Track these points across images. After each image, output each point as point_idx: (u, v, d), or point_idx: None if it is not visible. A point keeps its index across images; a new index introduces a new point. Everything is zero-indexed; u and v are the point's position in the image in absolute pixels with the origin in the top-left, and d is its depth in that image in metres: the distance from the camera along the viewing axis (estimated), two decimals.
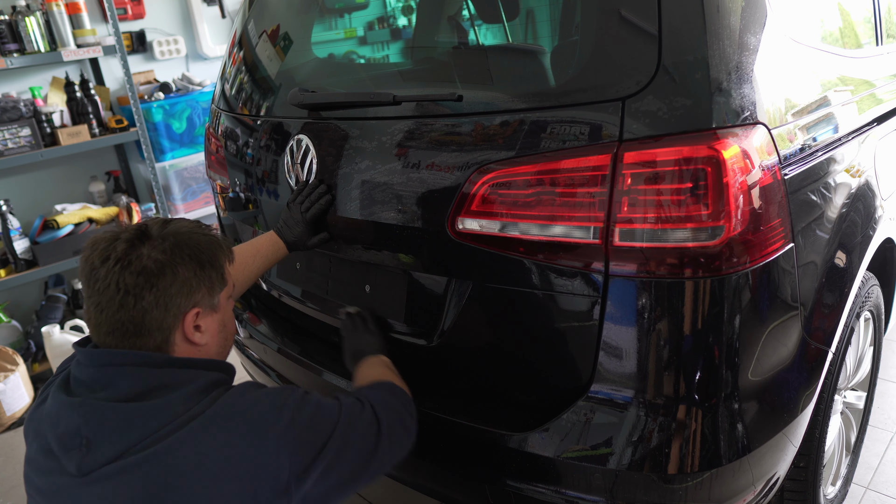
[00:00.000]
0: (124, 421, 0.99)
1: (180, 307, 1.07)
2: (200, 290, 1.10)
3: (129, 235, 1.07)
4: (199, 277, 1.10)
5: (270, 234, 1.53)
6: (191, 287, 1.08)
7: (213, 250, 1.13)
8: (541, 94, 1.22)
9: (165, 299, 1.06)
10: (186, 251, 1.09)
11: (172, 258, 1.07)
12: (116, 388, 1.03)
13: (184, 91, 3.41)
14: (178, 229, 1.12)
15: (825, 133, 1.35)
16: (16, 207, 3.07)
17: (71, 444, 1.00)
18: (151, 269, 1.05)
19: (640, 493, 1.16)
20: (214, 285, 1.12)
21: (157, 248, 1.06)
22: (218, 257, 1.14)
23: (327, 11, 1.93)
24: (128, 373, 1.04)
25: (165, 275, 1.05)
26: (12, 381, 2.80)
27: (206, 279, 1.10)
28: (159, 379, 1.04)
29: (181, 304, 1.07)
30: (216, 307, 1.14)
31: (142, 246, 1.06)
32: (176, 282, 1.06)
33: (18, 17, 2.86)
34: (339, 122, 1.47)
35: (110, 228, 1.12)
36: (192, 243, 1.10)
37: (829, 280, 1.34)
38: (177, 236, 1.10)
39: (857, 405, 1.91)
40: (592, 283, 1.14)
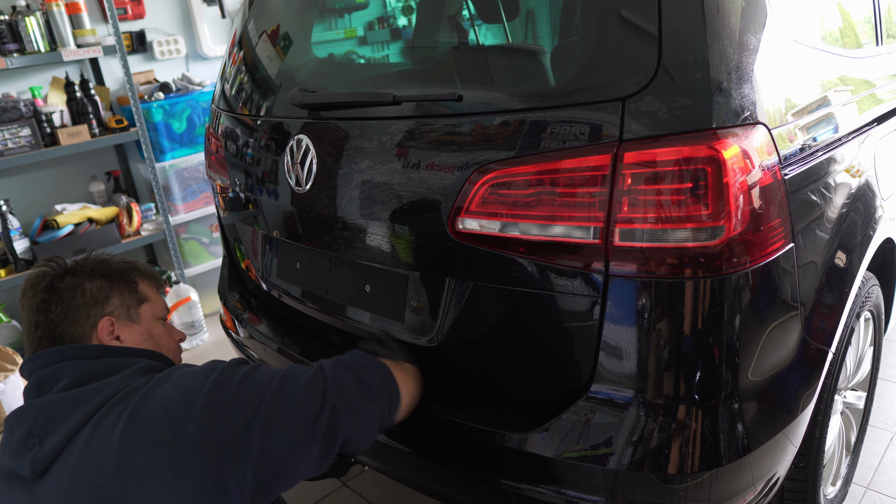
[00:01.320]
0: (69, 405, 1.04)
1: (89, 317, 1.17)
2: (110, 301, 1.21)
3: (44, 269, 1.21)
4: (107, 289, 1.21)
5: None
6: (97, 298, 1.19)
7: (123, 268, 1.26)
8: (541, 94, 1.22)
9: (73, 310, 1.16)
10: (91, 268, 1.22)
11: (77, 277, 1.20)
12: (60, 381, 1.09)
13: (184, 91, 3.41)
14: (88, 258, 1.25)
15: (825, 133, 1.35)
16: (16, 207, 3.07)
17: (24, 448, 1.01)
18: (56, 286, 1.17)
19: (640, 493, 1.16)
20: (127, 297, 1.24)
21: (66, 273, 1.20)
22: (128, 274, 1.26)
23: (327, 11, 1.93)
24: (67, 366, 1.11)
25: (70, 289, 1.17)
26: (12, 380, 2.80)
27: (114, 290, 1.22)
28: (99, 367, 1.11)
29: (90, 313, 1.18)
30: (134, 319, 1.24)
31: (53, 274, 1.19)
32: (82, 294, 1.18)
33: (18, 17, 2.86)
34: (339, 122, 1.47)
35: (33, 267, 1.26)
36: (100, 265, 1.24)
37: (829, 280, 1.34)
38: (84, 262, 1.23)
39: (857, 405, 1.91)
40: (592, 283, 1.14)
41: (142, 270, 1.30)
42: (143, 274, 1.30)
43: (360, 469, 2.22)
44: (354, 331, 1.57)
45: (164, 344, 1.30)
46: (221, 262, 2.24)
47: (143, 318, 1.26)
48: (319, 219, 1.51)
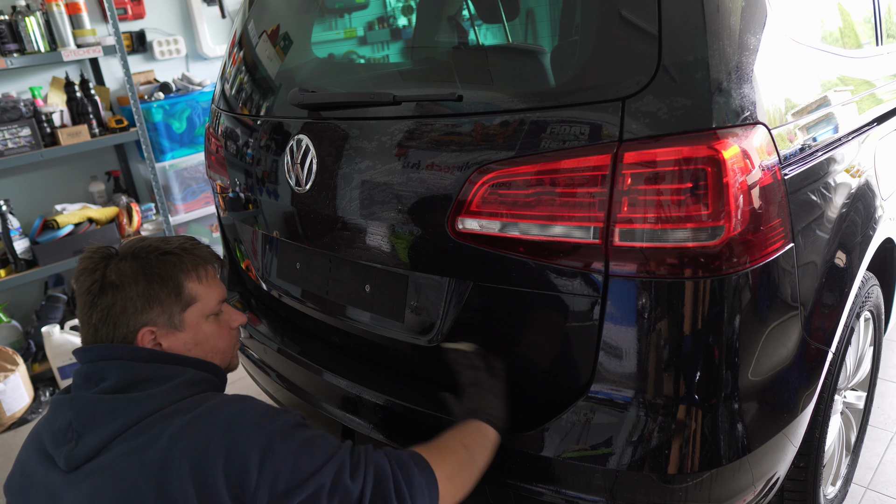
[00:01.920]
0: (110, 410, 1.01)
1: (129, 325, 1.10)
2: (151, 310, 1.11)
3: (96, 255, 1.13)
4: (146, 297, 1.10)
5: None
6: (136, 306, 1.10)
7: (166, 266, 1.13)
8: (541, 94, 1.22)
9: (111, 318, 1.09)
10: (133, 267, 1.11)
11: (122, 277, 1.10)
12: (107, 380, 1.06)
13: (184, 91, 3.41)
14: (139, 248, 1.14)
15: (825, 133, 1.35)
16: (16, 207, 3.07)
17: (63, 440, 1.01)
18: (95, 289, 1.10)
19: (639, 493, 1.16)
20: (168, 304, 1.12)
21: (113, 268, 1.11)
22: (172, 274, 1.13)
23: (327, 11, 1.93)
24: (116, 365, 1.07)
25: (106, 293, 1.09)
26: (12, 381, 2.80)
27: (155, 299, 1.11)
28: (145, 372, 1.07)
29: (129, 323, 1.10)
30: (178, 326, 1.14)
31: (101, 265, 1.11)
32: (119, 301, 1.09)
33: (18, 17, 2.86)
34: (339, 122, 1.47)
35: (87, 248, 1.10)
36: (143, 260, 1.12)
37: (829, 280, 1.34)
38: (138, 252, 1.13)
39: (857, 405, 1.91)
40: (592, 283, 1.14)
41: (189, 263, 1.16)
42: (193, 266, 1.16)
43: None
44: (354, 331, 1.57)
45: (214, 345, 1.20)
46: None
47: (189, 324, 1.15)
48: (319, 219, 1.51)
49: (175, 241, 1.19)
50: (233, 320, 1.25)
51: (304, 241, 1.60)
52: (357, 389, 1.50)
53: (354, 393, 1.51)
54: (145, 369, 1.08)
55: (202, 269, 1.18)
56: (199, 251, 1.20)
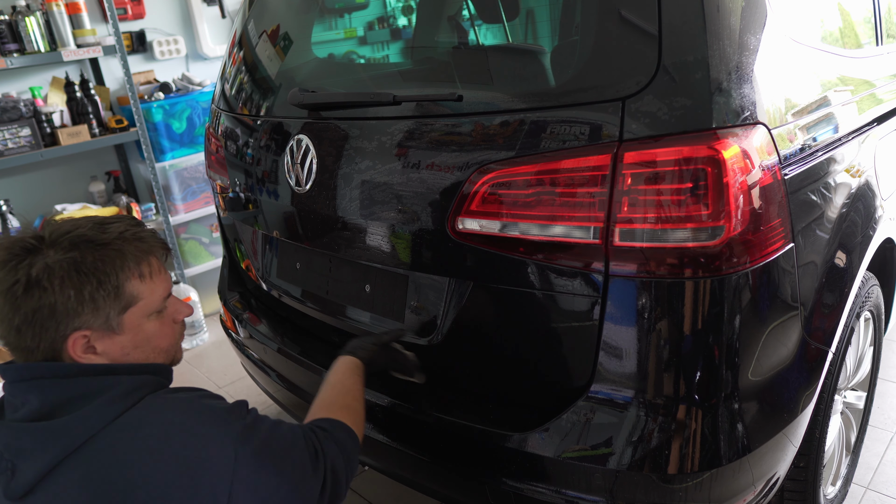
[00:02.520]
0: (39, 441, 0.92)
1: (58, 331, 0.96)
2: (83, 315, 0.97)
3: (21, 244, 0.98)
4: (79, 301, 0.96)
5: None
6: (67, 310, 0.96)
7: (104, 263, 0.98)
8: (541, 94, 1.22)
9: (37, 322, 0.96)
10: (64, 266, 0.95)
11: (48, 276, 0.94)
12: (29, 405, 0.96)
13: (184, 91, 3.41)
14: (79, 234, 0.99)
15: (825, 133, 1.35)
16: (16, 207, 3.07)
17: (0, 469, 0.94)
18: (17, 291, 0.94)
19: (639, 493, 1.16)
20: (105, 305, 0.99)
21: (41, 262, 0.95)
22: (110, 274, 0.99)
23: (327, 11, 1.93)
24: (37, 386, 0.96)
25: (32, 295, 0.94)
26: None
27: (87, 303, 0.97)
28: (71, 390, 0.96)
29: (58, 328, 0.96)
30: (115, 329, 1.01)
31: (35, 255, 0.96)
32: (46, 306, 0.95)
33: (18, 17, 2.86)
34: (339, 122, 1.47)
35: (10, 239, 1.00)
36: (78, 257, 0.97)
37: (829, 280, 1.34)
38: (69, 243, 0.98)
39: (857, 405, 1.91)
40: (592, 283, 1.14)
41: (133, 259, 1.01)
42: (136, 261, 1.02)
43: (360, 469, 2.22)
44: (354, 331, 1.57)
45: (156, 345, 1.08)
46: (221, 262, 2.24)
47: (128, 326, 1.02)
48: (319, 219, 1.51)
49: (113, 224, 1.03)
50: (178, 313, 1.13)
51: (304, 241, 1.60)
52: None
53: None
54: (70, 387, 0.96)
55: (145, 264, 1.04)
56: (142, 240, 1.04)
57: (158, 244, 1.08)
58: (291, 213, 1.59)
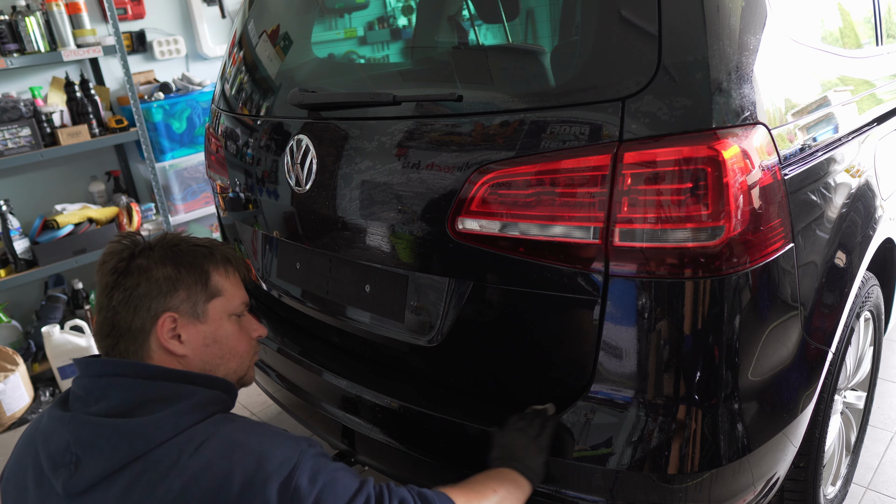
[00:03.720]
0: (113, 438, 0.94)
1: (150, 309, 1.04)
2: (176, 294, 1.06)
3: (121, 244, 1.09)
4: (173, 280, 1.06)
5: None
6: (161, 289, 1.05)
7: (195, 255, 1.10)
8: (541, 94, 1.22)
9: (135, 300, 1.04)
10: (163, 251, 1.08)
11: (149, 260, 1.06)
12: (108, 400, 0.99)
13: (184, 91, 3.41)
14: (167, 237, 1.12)
15: (825, 133, 1.35)
16: (16, 207, 3.07)
17: (61, 462, 0.96)
18: (124, 269, 1.05)
19: (639, 494, 1.16)
20: (194, 291, 1.08)
21: (140, 253, 1.07)
22: (201, 263, 1.10)
23: (327, 11, 1.93)
24: (119, 384, 1.00)
25: (135, 275, 1.05)
26: (12, 381, 2.80)
27: (182, 283, 1.07)
28: (152, 392, 1.00)
29: (152, 306, 1.04)
30: (200, 317, 1.09)
31: (128, 251, 1.07)
32: (147, 282, 1.05)
33: (18, 17, 2.86)
34: (339, 122, 1.47)
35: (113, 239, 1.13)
36: (174, 247, 1.09)
37: (829, 280, 1.34)
38: (163, 242, 1.10)
39: (857, 405, 1.91)
40: (592, 284, 1.14)
41: (219, 257, 1.13)
42: (222, 261, 1.13)
43: (360, 469, 2.22)
44: (354, 331, 1.57)
45: (232, 346, 1.14)
46: None
47: (211, 317, 1.10)
48: (319, 219, 1.51)
49: (204, 238, 1.17)
50: (253, 329, 1.19)
51: (304, 241, 1.60)
52: (357, 389, 1.50)
53: (354, 393, 1.51)
54: (151, 388, 1.00)
55: (230, 267, 1.15)
56: (228, 250, 1.17)
57: (242, 260, 1.20)
58: (291, 213, 1.59)
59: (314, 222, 1.54)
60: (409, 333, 1.42)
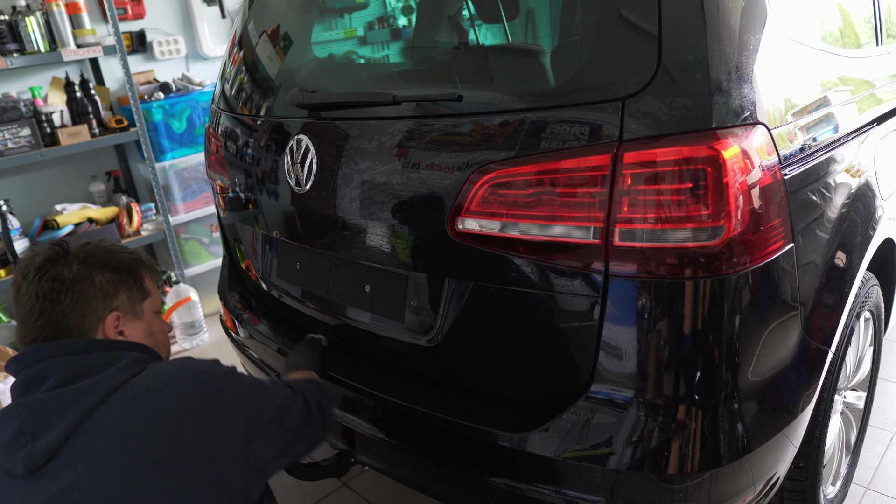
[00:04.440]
0: (62, 403, 1.02)
1: (97, 311, 1.16)
2: (119, 296, 1.20)
3: (48, 253, 1.17)
4: (116, 283, 1.20)
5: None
6: (107, 292, 1.18)
7: (130, 263, 1.25)
8: (541, 94, 1.22)
9: (82, 303, 1.14)
10: (102, 260, 1.20)
11: (88, 267, 1.17)
12: (49, 379, 1.07)
13: (184, 91, 3.41)
14: (96, 246, 1.23)
15: (825, 133, 1.35)
16: (16, 207, 3.07)
17: (17, 446, 1.00)
18: (67, 276, 1.14)
19: (639, 494, 1.16)
20: (134, 293, 1.23)
21: (74, 260, 1.17)
22: (136, 268, 1.25)
23: (327, 11, 1.93)
24: (55, 363, 1.09)
25: (81, 281, 1.15)
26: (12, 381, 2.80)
27: (123, 285, 1.21)
28: (87, 362, 1.09)
29: (98, 307, 1.16)
30: (139, 315, 1.24)
31: (60, 260, 1.16)
32: (92, 287, 1.16)
33: (18, 17, 2.86)
34: (339, 122, 1.47)
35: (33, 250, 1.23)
36: (109, 256, 1.22)
37: (829, 280, 1.34)
38: (93, 251, 1.21)
39: (857, 405, 1.91)
40: (592, 283, 1.14)
41: (146, 263, 1.30)
42: (148, 266, 1.30)
43: (360, 469, 2.22)
44: (354, 331, 1.57)
45: (161, 340, 1.32)
46: (221, 262, 2.24)
47: (146, 314, 1.26)
48: (319, 219, 1.51)
49: (122, 246, 1.31)
50: (167, 326, 1.37)
51: (303, 241, 1.60)
52: (357, 389, 1.50)
53: (354, 393, 1.51)
54: (86, 359, 1.10)
55: (152, 271, 1.32)
56: (147, 256, 1.33)
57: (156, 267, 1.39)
58: (291, 213, 1.59)
59: (314, 222, 1.54)
60: (408, 333, 1.42)
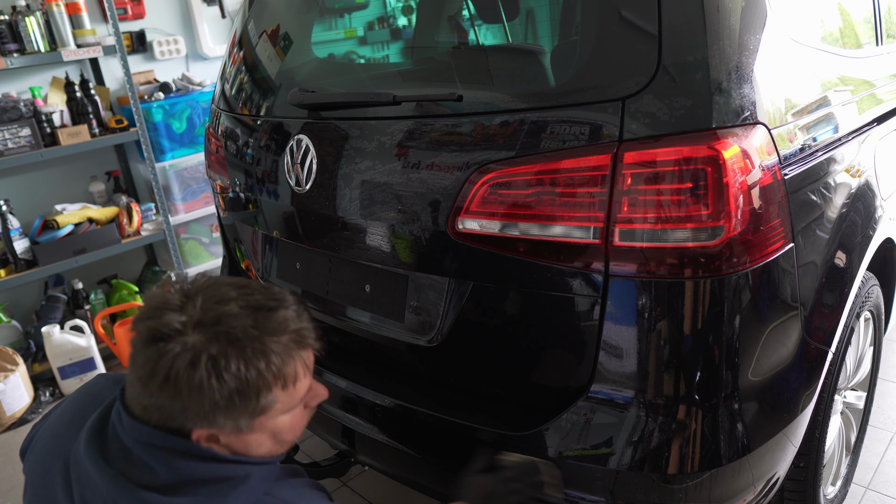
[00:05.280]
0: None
1: (185, 425, 0.92)
2: (217, 421, 0.92)
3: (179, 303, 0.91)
4: (217, 407, 0.90)
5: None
6: (201, 411, 0.90)
7: (257, 376, 0.91)
8: (541, 94, 1.22)
9: (167, 410, 0.91)
10: (219, 366, 0.88)
11: (194, 372, 0.88)
12: (153, 472, 0.91)
13: (184, 91, 3.41)
14: (234, 318, 0.91)
15: (825, 133, 1.35)
16: (16, 207, 3.07)
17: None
18: (160, 372, 0.88)
19: (640, 493, 1.16)
20: (241, 412, 0.92)
21: (192, 350, 0.88)
22: (261, 386, 0.92)
23: (327, 11, 1.93)
24: (166, 459, 0.92)
25: (169, 386, 0.88)
26: (12, 381, 2.80)
27: (228, 407, 0.91)
28: (198, 472, 0.92)
29: (185, 422, 0.92)
30: (244, 429, 0.95)
31: (185, 334, 0.89)
32: (179, 403, 0.90)
33: (18, 17, 2.86)
34: (339, 122, 1.47)
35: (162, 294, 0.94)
36: (240, 351, 0.90)
37: (829, 280, 1.34)
38: (226, 333, 0.90)
39: (857, 405, 1.91)
40: (592, 283, 1.14)
41: (282, 360, 0.93)
42: (285, 361, 0.94)
43: (360, 469, 2.22)
44: (354, 331, 1.57)
45: (283, 439, 1.00)
46: (221, 262, 2.24)
47: (257, 427, 0.96)
48: (319, 219, 1.51)
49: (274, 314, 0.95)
50: (312, 399, 1.05)
51: (304, 241, 1.60)
52: (357, 389, 1.50)
53: (354, 393, 1.51)
54: (200, 469, 0.92)
55: (292, 368, 0.96)
56: (300, 338, 0.97)
57: (314, 338, 1.01)
58: (291, 213, 1.59)
59: (314, 222, 1.54)
60: (409, 333, 1.42)
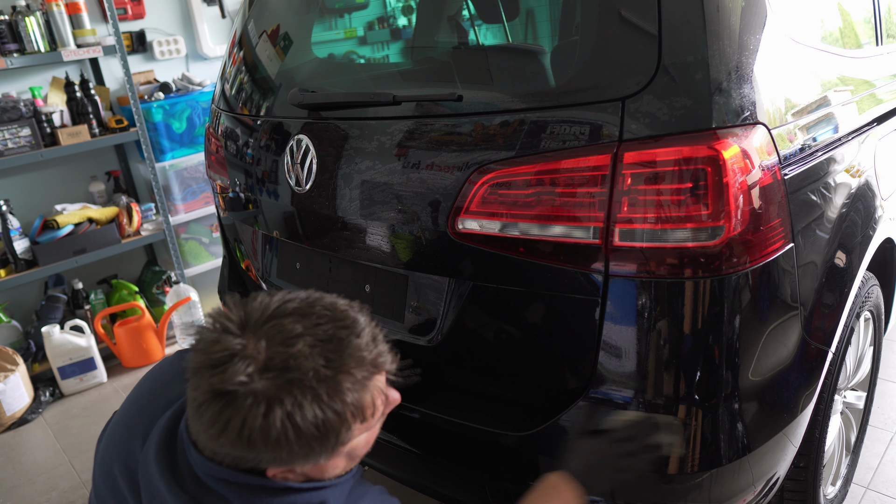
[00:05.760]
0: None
1: (259, 465, 0.89)
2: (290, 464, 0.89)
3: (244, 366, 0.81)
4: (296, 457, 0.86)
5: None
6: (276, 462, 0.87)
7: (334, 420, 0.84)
8: (541, 94, 1.22)
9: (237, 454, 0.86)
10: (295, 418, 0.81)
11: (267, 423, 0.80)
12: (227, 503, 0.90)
13: (184, 91, 3.41)
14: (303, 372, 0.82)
15: (825, 133, 1.35)
16: (16, 207, 3.07)
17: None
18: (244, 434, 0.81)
19: (640, 493, 1.16)
20: (321, 455, 0.88)
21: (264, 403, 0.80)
22: (339, 429, 0.85)
23: (327, 11, 1.93)
24: (239, 493, 0.89)
25: (255, 446, 0.82)
26: (12, 381, 2.80)
27: (302, 453, 0.85)
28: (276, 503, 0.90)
29: (259, 463, 0.88)
30: (324, 461, 0.91)
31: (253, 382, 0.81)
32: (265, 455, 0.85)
33: (18, 17, 2.86)
34: (339, 122, 1.47)
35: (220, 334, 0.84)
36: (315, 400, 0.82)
37: (829, 280, 1.34)
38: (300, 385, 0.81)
39: (857, 405, 1.91)
40: (592, 283, 1.14)
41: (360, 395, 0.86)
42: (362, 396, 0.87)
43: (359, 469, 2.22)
44: None
45: (357, 455, 0.97)
46: (221, 262, 2.24)
47: (334, 457, 0.91)
48: (319, 219, 1.51)
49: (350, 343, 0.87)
50: (387, 408, 0.99)
51: (304, 241, 1.60)
52: None
53: None
54: (276, 501, 0.90)
55: (377, 390, 0.91)
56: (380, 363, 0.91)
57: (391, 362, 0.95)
58: (291, 213, 1.59)
59: (314, 222, 1.54)
60: (409, 333, 1.42)
